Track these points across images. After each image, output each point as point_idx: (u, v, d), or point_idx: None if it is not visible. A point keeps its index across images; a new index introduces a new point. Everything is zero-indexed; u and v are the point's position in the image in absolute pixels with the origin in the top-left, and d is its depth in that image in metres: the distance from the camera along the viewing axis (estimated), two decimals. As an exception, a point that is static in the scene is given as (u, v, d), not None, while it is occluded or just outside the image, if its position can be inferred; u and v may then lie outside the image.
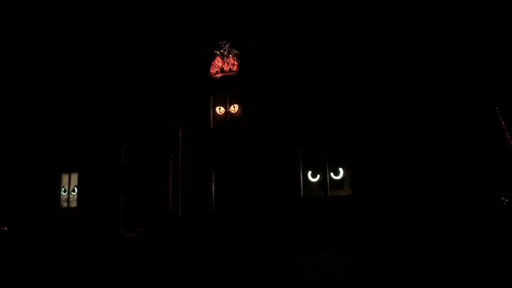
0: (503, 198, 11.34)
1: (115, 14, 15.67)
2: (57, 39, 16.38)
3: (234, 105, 15.35)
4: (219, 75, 15.45)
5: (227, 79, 15.41)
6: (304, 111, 13.10)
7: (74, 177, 16.16)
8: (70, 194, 16.12)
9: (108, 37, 15.88)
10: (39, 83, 16.52)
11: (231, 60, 15.35)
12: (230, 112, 15.36)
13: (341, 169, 12.62)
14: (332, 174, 12.71)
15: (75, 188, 16.04)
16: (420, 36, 12.09)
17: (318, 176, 12.85)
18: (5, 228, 15.93)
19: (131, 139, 15.59)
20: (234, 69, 15.37)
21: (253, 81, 14.68)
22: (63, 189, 16.16)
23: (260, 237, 12.83)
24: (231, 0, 14.70)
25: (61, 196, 16.16)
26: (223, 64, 15.42)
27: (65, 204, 16.13)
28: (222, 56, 15.47)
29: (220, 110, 15.48)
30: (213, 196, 14.50)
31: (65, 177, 16.24)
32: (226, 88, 15.45)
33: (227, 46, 15.37)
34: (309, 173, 12.94)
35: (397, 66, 13.06)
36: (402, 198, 11.74)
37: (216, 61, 15.49)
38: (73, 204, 16.03)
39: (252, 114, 14.27)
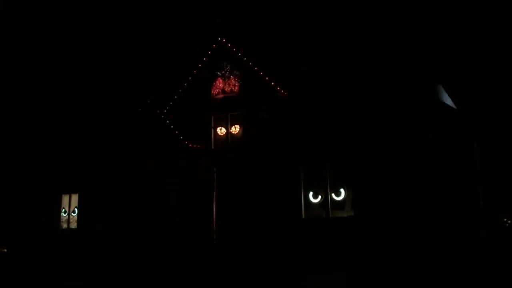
0: (505, 220, 11.24)
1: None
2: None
3: (236, 125, 15.36)
4: (220, 95, 15.49)
5: (229, 99, 15.45)
6: (305, 131, 13.07)
7: (75, 198, 16.08)
8: (70, 215, 16.02)
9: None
10: (39, 99, 16.58)
11: (232, 81, 15.40)
12: (231, 132, 15.36)
13: (342, 190, 12.53)
14: (333, 194, 12.62)
15: (76, 209, 15.95)
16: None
17: (320, 197, 12.77)
18: (5, 250, 15.83)
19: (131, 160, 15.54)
20: (235, 89, 15.41)
21: (254, 101, 14.71)
22: (63, 210, 16.08)
23: (261, 258, 12.71)
24: (232, 21, 14.83)
25: (61, 217, 16.05)
26: (224, 85, 15.47)
27: (65, 225, 16.02)
28: (224, 77, 15.53)
29: (221, 130, 15.48)
30: (214, 217, 14.39)
31: (65, 198, 16.15)
32: (227, 109, 15.48)
33: (228, 67, 15.45)
34: (311, 193, 12.86)
35: (397, 83, 13.11)
36: (404, 220, 11.63)
37: (217, 82, 15.55)
38: (73, 225, 15.91)
39: (253, 134, 14.23)
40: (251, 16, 14.78)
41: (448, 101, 12.80)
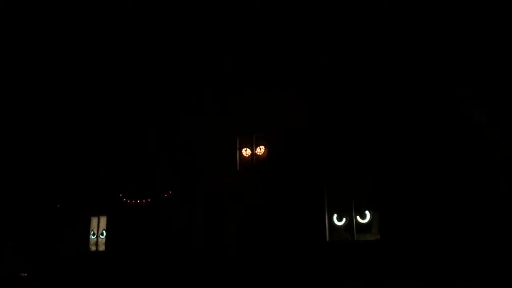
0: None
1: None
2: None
3: (261, 146, 15.15)
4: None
5: (254, 120, 15.29)
6: (328, 151, 12.71)
7: (103, 220, 16.20)
8: (99, 238, 16.13)
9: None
10: (70, 123, 16.93)
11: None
12: (256, 154, 15.15)
13: (367, 212, 12.05)
14: (358, 217, 12.15)
15: (104, 232, 16.06)
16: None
17: (344, 219, 12.33)
18: (25, 274, 16.07)
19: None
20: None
21: (280, 121, 14.47)
22: (92, 232, 16.22)
23: (284, 282, 12.36)
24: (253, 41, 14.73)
25: (90, 240, 16.19)
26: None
27: (93, 248, 16.14)
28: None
29: (246, 152, 15.30)
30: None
31: (94, 221, 16.31)
32: (252, 130, 15.31)
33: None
34: (335, 216, 12.44)
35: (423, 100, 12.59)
36: (434, 245, 11.04)
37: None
38: (101, 247, 16.00)
39: (278, 155, 13.95)
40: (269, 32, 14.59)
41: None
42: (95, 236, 16.21)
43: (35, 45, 17.46)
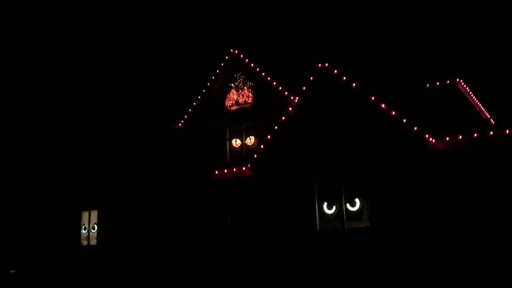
0: None
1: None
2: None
3: (250, 137, 15.17)
4: (234, 107, 15.36)
5: (243, 111, 15.29)
6: (318, 142, 12.70)
7: (94, 215, 16.14)
8: (90, 232, 16.08)
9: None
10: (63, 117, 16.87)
11: (246, 92, 15.25)
12: (246, 144, 15.17)
13: (357, 200, 12.08)
14: (348, 205, 12.18)
15: (95, 226, 16.01)
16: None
17: (334, 207, 12.35)
18: (13, 271, 16.00)
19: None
20: (249, 101, 15.26)
21: (268, 112, 14.48)
22: (83, 226, 16.16)
23: (274, 270, 12.40)
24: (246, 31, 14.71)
25: (81, 234, 16.14)
26: (238, 96, 15.34)
27: (85, 242, 16.08)
28: (237, 89, 15.40)
29: (236, 142, 15.31)
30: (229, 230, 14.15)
31: (85, 215, 16.24)
32: (242, 121, 15.32)
33: (241, 78, 15.32)
34: (325, 204, 12.46)
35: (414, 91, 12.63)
36: (424, 231, 11.10)
37: (231, 93, 15.43)
38: (93, 242, 15.95)
39: (266, 145, 13.95)
40: (262, 27, 14.62)
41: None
42: (86, 230, 16.15)
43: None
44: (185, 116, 16.07)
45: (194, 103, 16.00)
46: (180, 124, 16.02)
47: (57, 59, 17.36)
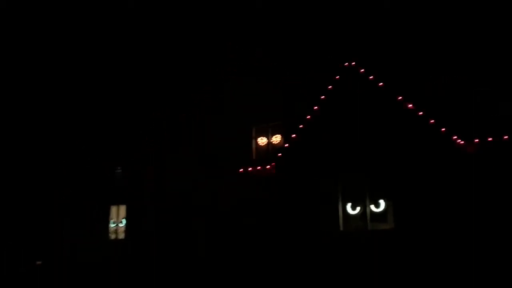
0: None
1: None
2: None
3: (277, 135, 15.09)
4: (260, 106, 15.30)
5: (269, 109, 15.22)
6: (343, 142, 12.55)
7: (123, 209, 16.45)
8: (118, 226, 16.39)
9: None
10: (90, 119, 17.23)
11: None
12: (272, 143, 15.11)
13: (381, 201, 11.87)
14: (372, 206, 11.98)
15: (123, 220, 16.31)
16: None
17: (358, 208, 12.17)
18: (39, 263, 16.44)
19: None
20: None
21: (294, 110, 14.37)
22: (112, 221, 16.49)
23: (297, 270, 12.35)
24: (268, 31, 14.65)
25: (110, 228, 16.47)
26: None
27: (113, 236, 16.41)
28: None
29: (262, 140, 15.28)
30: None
31: (113, 209, 16.57)
32: (268, 119, 15.26)
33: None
34: (349, 205, 12.29)
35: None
36: (450, 234, 10.83)
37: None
38: (121, 235, 16.27)
39: (290, 144, 13.84)
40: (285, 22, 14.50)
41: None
42: (115, 224, 16.46)
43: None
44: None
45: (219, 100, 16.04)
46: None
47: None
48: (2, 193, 17.77)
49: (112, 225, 16.49)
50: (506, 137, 10.65)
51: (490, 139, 10.83)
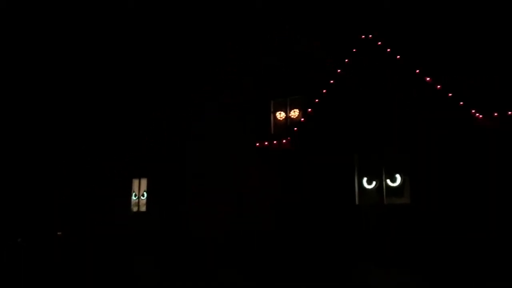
0: None
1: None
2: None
3: (295, 110, 15.06)
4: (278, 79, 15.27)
5: (288, 83, 15.18)
6: (360, 115, 12.46)
7: (144, 182, 16.78)
8: (140, 199, 16.76)
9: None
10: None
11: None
12: (290, 117, 15.09)
13: (398, 176, 11.79)
14: (388, 181, 11.92)
15: (145, 193, 16.65)
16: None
17: (374, 183, 12.13)
18: (60, 233, 16.96)
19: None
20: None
21: (312, 85, 14.28)
22: (134, 194, 16.85)
23: (314, 245, 12.47)
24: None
25: (132, 201, 16.86)
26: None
27: (135, 208, 16.80)
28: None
29: (280, 115, 15.27)
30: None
31: (135, 182, 16.92)
32: (286, 93, 15.21)
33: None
34: (365, 179, 12.26)
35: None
36: (464, 211, 10.73)
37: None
38: (142, 208, 16.64)
39: (306, 118, 13.79)
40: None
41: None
42: (136, 197, 16.83)
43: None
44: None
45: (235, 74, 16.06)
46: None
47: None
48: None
49: (134, 198, 16.86)
50: (526, 110, 10.37)
51: (510, 113, 10.53)
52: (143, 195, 16.70)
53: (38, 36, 18.00)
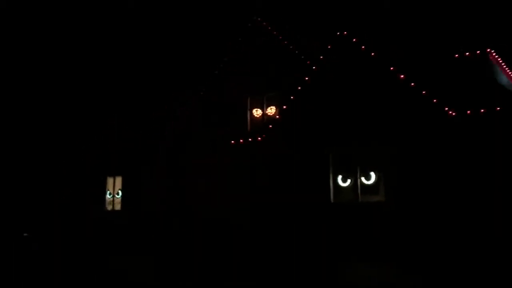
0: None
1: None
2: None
3: (271, 107, 14.97)
4: (255, 77, 15.17)
5: (264, 80, 15.08)
6: (334, 112, 12.39)
7: (118, 180, 16.53)
8: (115, 197, 16.50)
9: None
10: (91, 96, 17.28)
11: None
12: (267, 114, 14.99)
13: (372, 173, 11.76)
14: (363, 178, 11.88)
15: (119, 191, 16.40)
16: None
17: (349, 180, 12.08)
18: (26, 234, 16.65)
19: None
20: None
21: (289, 82, 14.20)
22: (108, 192, 16.59)
23: (288, 243, 12.38)
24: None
25: (106, 199, 16.60)
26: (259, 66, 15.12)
27: (110, 207, 16.54)
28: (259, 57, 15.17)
29: (257, 112, 15.16)
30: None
31: (110, 180, 16.66)
32: (263, 90, 15.12)
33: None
34: (339, 177, 12.20)
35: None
36: (440, 208, 10.72)
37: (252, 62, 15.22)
38: (117, 207, 16.39)
39: (283, 116, 13.71)
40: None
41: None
42: (111, 195, 16.57)
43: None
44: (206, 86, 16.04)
45: (216, 72, 15.90)
46: (201, 93, 16.01)
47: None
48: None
49: (108, 196, 16.61)
50: (498, 108, 10.39)
51: (482, 110, 10.55)
52: (117, 194, 16.44)
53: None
